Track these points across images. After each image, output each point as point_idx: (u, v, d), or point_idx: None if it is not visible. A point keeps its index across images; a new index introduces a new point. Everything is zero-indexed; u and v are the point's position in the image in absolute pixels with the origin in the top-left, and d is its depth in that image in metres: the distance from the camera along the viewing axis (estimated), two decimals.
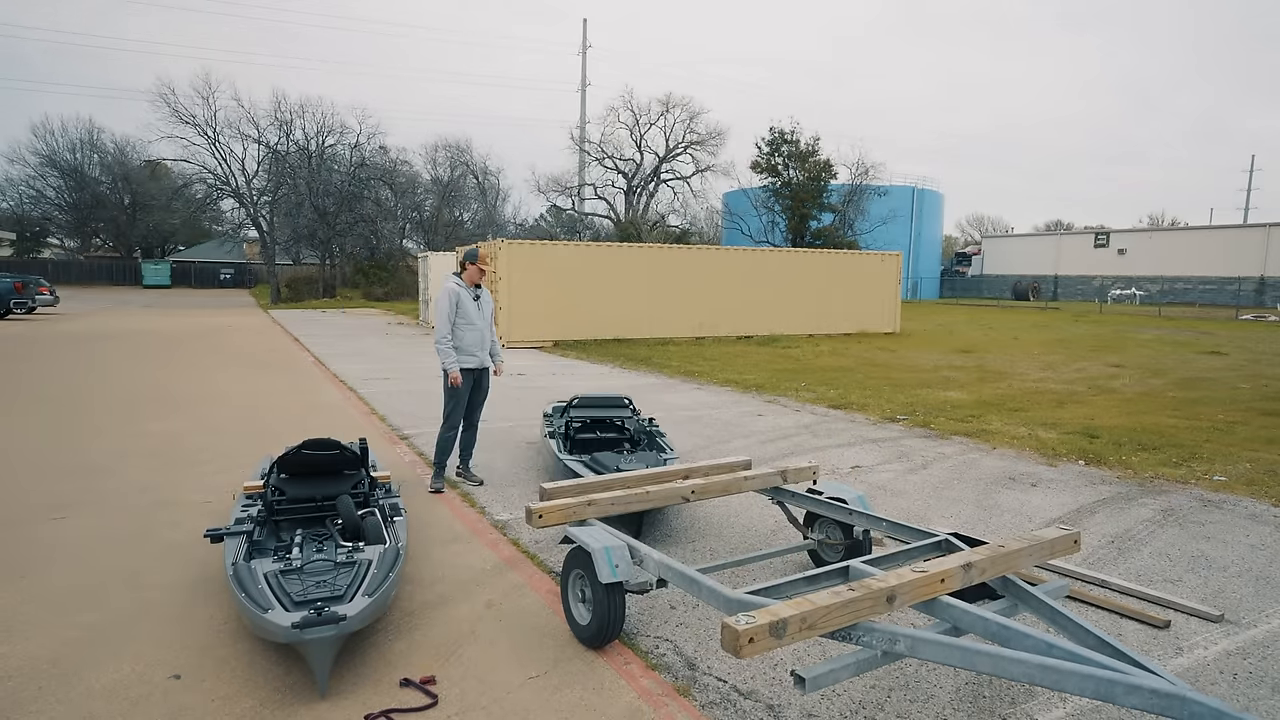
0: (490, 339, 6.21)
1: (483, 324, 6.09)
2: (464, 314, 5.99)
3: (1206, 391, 11.64)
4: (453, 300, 5.92)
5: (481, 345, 6.09)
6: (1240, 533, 5.22)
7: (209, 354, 15.60)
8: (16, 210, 56.16)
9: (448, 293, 5.94)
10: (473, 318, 6.01)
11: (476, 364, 6.08)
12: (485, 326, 6.12)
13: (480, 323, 6.07)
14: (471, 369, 6.07)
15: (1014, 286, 53.57)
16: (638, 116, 47.47)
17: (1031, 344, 19.67)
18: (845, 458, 7.31)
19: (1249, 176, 79.22)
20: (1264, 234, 44.46)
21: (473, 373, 6.09)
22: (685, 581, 3.26)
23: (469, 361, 6.03)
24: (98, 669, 3.26)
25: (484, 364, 6.15)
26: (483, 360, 6.12)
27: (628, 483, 4.48)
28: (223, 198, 42.69)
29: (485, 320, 6.13)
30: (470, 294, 6.03)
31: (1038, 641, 2.54)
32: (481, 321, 6.08)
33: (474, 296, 6.05)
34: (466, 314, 5.99)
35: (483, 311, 6.11)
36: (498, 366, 6.39)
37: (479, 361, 6.09)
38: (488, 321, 6.17)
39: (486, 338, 6.14)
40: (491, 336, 6.22)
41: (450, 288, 5.95)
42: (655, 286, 20.06)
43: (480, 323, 6.07)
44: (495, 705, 3.04)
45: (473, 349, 6.04)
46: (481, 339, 6.08)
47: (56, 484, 6.08)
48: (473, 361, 6.05)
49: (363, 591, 3.36)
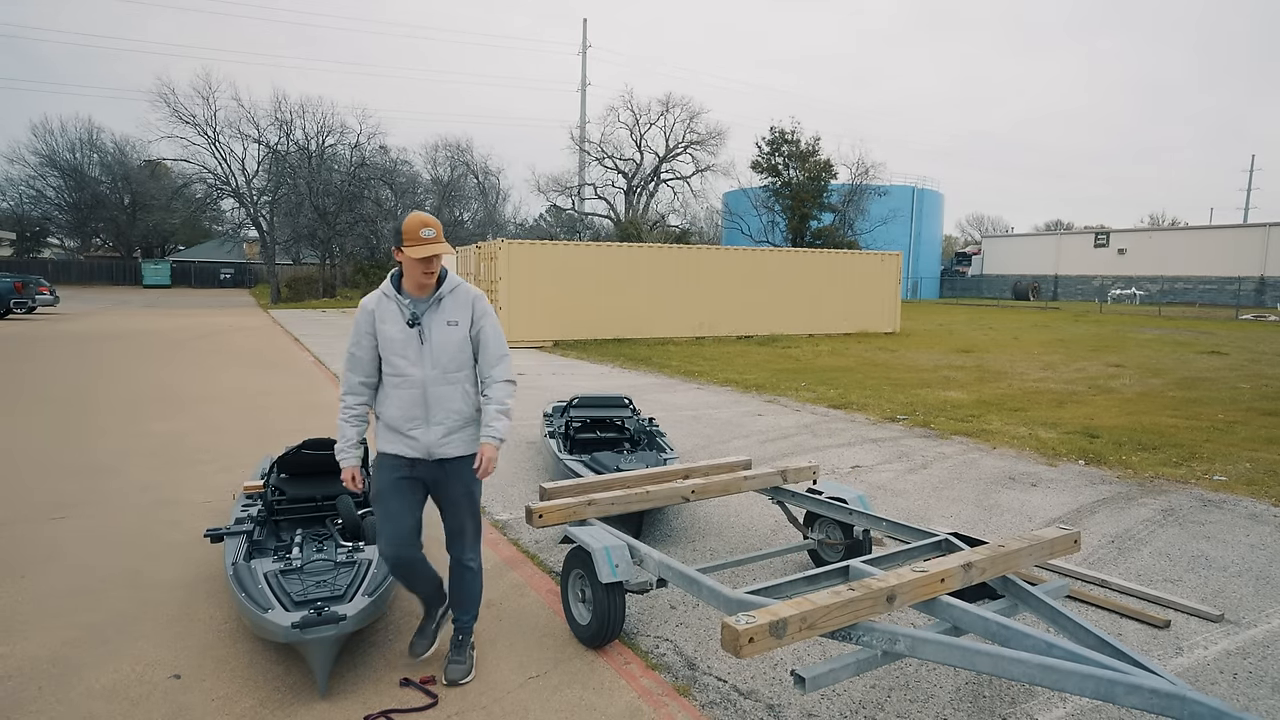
0: (461, 394, 3.17)
1: (431, 370, 3.10)
2: (389, 350, 3.11)
3: (1206, 391, 11.64)
4: (360, 328, 3.16)
5: (429, 412, 3.12)
6: (1240, 532, 5.22)
7: (209, 354, 15.59)
8: (16, 210, 56.17)
9: (359, 314, 3.20)
10: (405, 355, 3.10)
11: (416, 451, 3.14)
12: (440, 374, 3.11)
13: (426, 367, 3.10)
14: (407, 458, 3.16)
15: (1014, 286, 53.56)
16: (638, 116, 47.51)
17: (1031, 344, 19.67)
18: (845, 457, 7.31)
19: (1249, 176, 79.37)
20: (1264, 234, 44.45)
21: (409, 468, 3.17)
22: (685, 581, 3.26)
23: (398, 444, 3.16)
24: (98, 669, 3.26)
25: (435, 450, 3.14)
26: (433, 443, 3.13)
27: (628, 483, 4.48)
28: (223, 198, 42.72)
29: (442, 361, 3.12)
30: (402, 312, 3.10)
31: (1038, 641, 2.54)
32: (431, 365, 3.10)
33: (410, 318, 3.08)
34: (394, 351, 3.10)
35: (431, 345, 3.10)
36: (483, 451, 3.12)
37: (421, 447, 3.13)
38: (450, 362, 3.13)
39: (446, 399, 3.13)
40: (468, 388, 3.21)
41: (364, 304, 3.17)
42: (655, 286, 20.07)
43: (426, 367, 3.10)
44: (495, 705, 3.04)
45: (407, 420, 3.12)
46: (425, 400, 3.11)
47: (59, 483, 6.08)
48: (408, 446, 3.14)
49: (363, 591, 3.36)
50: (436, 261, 3.08)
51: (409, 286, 3.14)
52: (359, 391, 3.23)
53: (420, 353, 3.12)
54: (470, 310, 3.19)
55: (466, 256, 21.78)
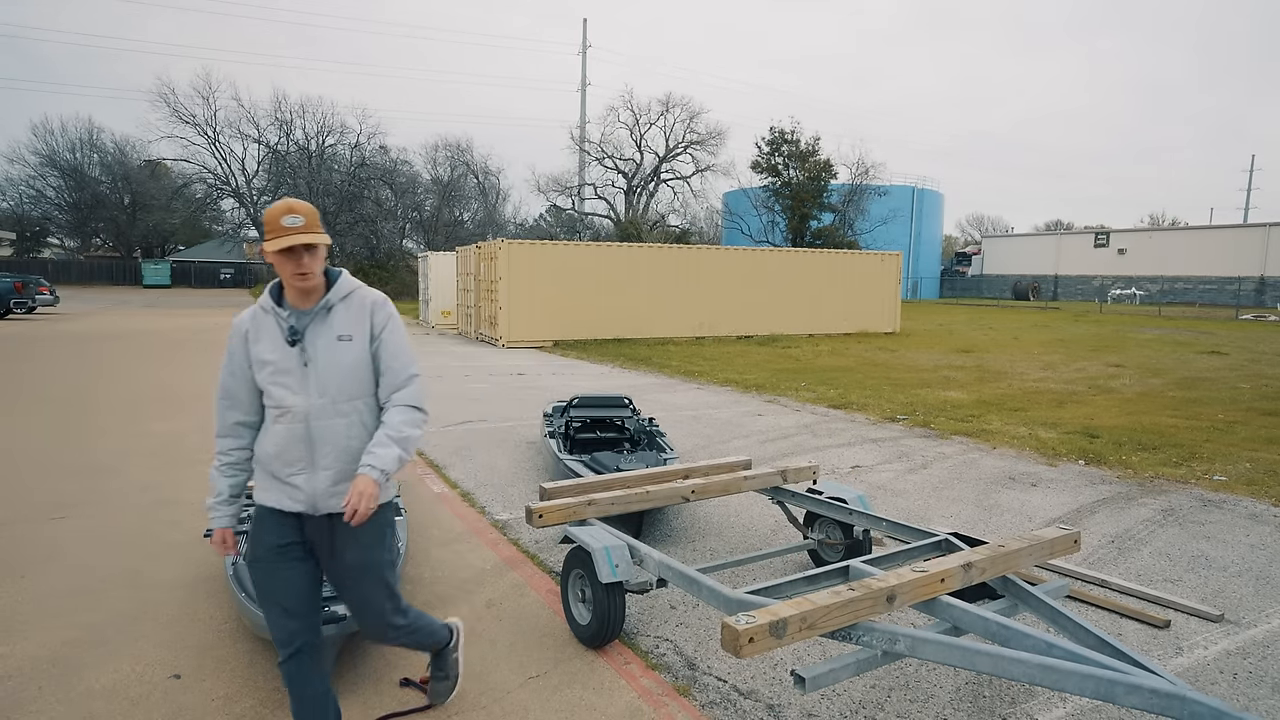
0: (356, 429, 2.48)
1: (317, 398, 2.42)
2: (265, 377, 2.47)
3: (1206, 391, 11.64)
4: (234, 355, 2.54)
5: (314, 452, 2.44)
6: (1240, 532, 5.22)
7: (210, 353, 15.59)
8: (16, 210, 56.22)
9: (231, 335, 2.56)
10: (283, 382, 2.44)
11: (300, 503, 2.46)
12: (329, 403, 2.43)
13: (311, 395, 2.43)
14: (290, 512, 2.48)
15: (1014, 286, 53.58)
16: (638, 116, 47.59)
17: (1031, 344, 19.67)
18: (845, 457, 7.31)
19: (1249, 176, 79.44)
20: (1264, 234, 44.47)
21: (296, 528, 2.50)
22: (685, 581, 3.26)
23: (278, 495, 2.48)
24: (98, 669, 3.26)
25: (321, 502, 2.45)
26: (318, 493, 2.44)
27: (628, 482, 4.48)
28: (223, 197, 42.87)
29: (331, 386, 2.43)
30: (280, 327, 2.46)
31: (1038, 641, 2.54)
32: (317, 392, 2.43)
33: (289, 335, 2.44)
34: (270, 377, 2.46)
35: (317, 367, 2.43)
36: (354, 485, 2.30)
37: (305, 497, 2.45)
38: (341, 388, 2.45)
39: (335, 435, 2.44)
40: (368, 420, 2.51)
41: (237, 323, 2.55)
42: (655, 286, 20.07)
43: (311, 395, 2.43)
44: (495, 705, 3.04)
45: (288, 463, 2.45)
46: (309, 436, 2.43)
47: (59, 483, 6.08)
48: (289, 497, 2.47)
49: None
50: (310, 258, 2.41)
51: (290, 296, 2.49)
52: (236, 434, 2.57)
53: (303, 377, 2.42)
54: (368, 320, 2.52)
55: (466, 256, 21.78)
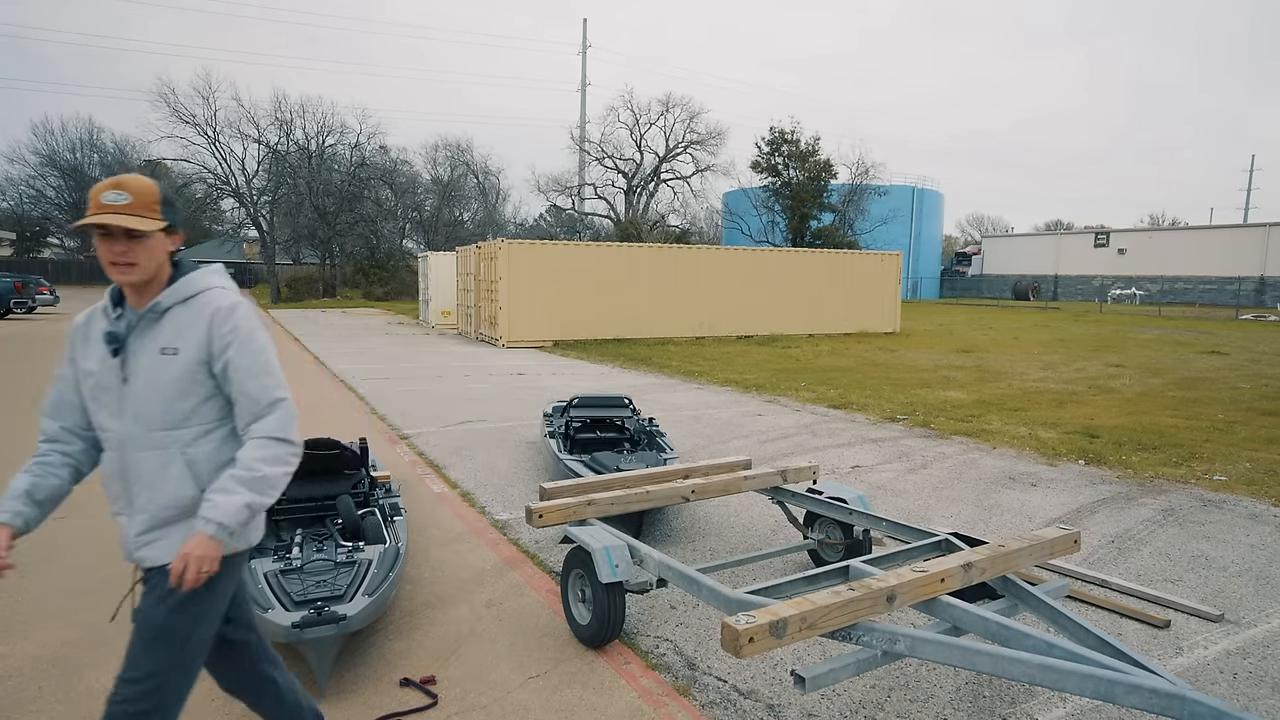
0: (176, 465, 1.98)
1: (132, 424, 1.97)
2: (86, 392, 2.04)
3: (1206, 391, 11.64)
4: (67, 358, 2.10)
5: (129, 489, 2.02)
6: (1240, 532, 5.22)
7: None
8: (16, 210, 56.18)
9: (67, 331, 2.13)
10: (101, 400, 2.01)
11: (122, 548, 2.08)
12: (143, 430, 1.96)
13: (127, 419, 1.97)
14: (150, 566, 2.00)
15: (1014, 286, 53.57)
16: (638, 116, 47.53)
17: (1031, 344, 19.67)
18: (845, 457, 7.31)
19: (1249, 176, 79.44)
20: (1264, 234, 44.46)
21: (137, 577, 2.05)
22: (685, 581, 3.26)
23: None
24: (98, 669, 3.26)
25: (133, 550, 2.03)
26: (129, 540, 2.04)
27: (628, 482, 4.48)
28: (223, 197, 42.78)
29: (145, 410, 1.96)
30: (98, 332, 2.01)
31: (1038, 641, 2.54)
32: (132, 416, 1.96)
33: (109, 341, 1.96)
34: (89, 392, 2.03)
35: (133, 384, 1.95)
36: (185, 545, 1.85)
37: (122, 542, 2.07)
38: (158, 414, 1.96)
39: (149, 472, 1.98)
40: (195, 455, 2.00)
41: (75, 320, 2.11)
42: (655, 286, 20.07)
43: (127, 419, 1.97)
44: (495, 705, 3.04)
45: (111, 499, 2.09)
46: (123, 470, 2.02)
47: None
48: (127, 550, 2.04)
49: (363, 591, 3.36)
50: (133, 247, 1.88)
51: (127, 293, 2.00)
52: (58, 438, 2.14)
53: (120, 396, 1.96)
54: (205, 330, 1.96)
55: (466, 256, 21.77)
